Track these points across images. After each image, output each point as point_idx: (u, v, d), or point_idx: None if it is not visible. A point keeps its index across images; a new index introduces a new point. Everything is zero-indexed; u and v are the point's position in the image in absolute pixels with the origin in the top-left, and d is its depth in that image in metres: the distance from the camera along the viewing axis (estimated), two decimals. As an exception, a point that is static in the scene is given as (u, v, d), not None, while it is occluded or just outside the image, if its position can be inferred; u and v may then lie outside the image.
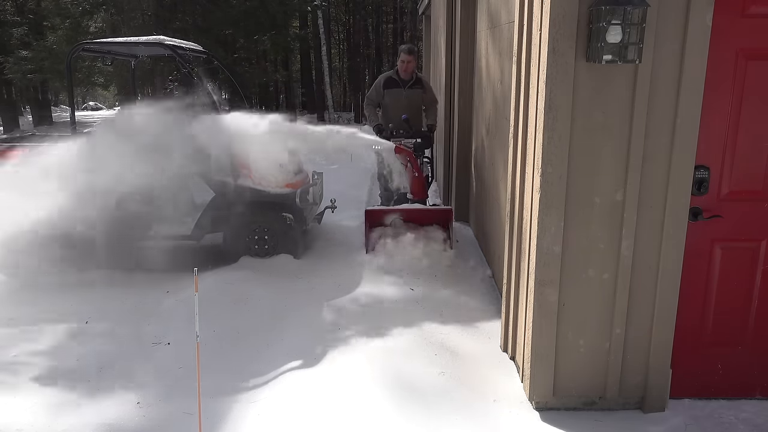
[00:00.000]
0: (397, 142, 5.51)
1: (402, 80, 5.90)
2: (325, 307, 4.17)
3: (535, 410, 2.93)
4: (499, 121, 4.34)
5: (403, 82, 5.90)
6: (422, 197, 5.50)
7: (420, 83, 5.99)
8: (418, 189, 5.45)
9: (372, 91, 6.16)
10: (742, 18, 2.59)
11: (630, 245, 2.72)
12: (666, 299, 2.78)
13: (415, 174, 5.35)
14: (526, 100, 2.93)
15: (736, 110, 2.68)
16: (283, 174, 5.11)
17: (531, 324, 2.87)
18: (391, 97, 5.96)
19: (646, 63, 2.50)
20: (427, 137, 5.83)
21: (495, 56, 4.63)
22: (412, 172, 5.34)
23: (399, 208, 5.33)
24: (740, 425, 2.83)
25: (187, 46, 5.58)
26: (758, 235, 2.84)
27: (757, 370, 3.00)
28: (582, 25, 2.50)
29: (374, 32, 27.83)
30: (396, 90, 5.93)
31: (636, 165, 2.63)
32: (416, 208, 5.29)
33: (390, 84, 5.96)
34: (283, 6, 18.12)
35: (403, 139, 5.61)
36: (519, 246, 3.11)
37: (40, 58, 16.07)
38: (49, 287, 4.62)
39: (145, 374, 3.33)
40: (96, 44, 5.58)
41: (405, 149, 5.31)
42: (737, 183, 2.77)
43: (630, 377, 2.89)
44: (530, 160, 2.86)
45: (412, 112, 5.88)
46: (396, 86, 5.92)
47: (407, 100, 5.90)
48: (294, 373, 3.30)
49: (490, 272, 4.83)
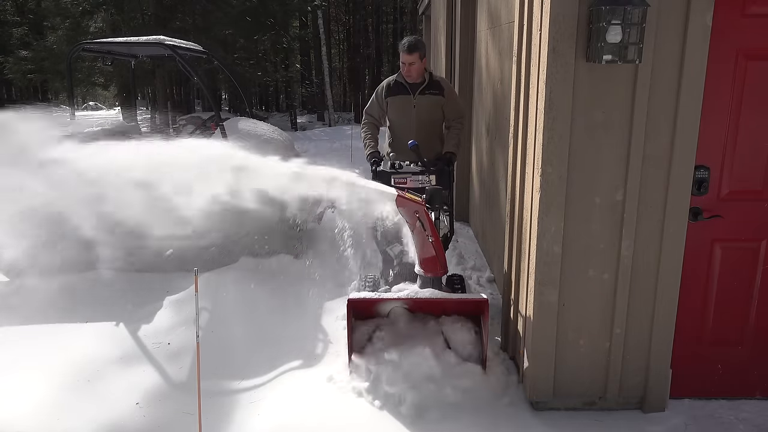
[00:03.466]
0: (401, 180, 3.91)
1: (409, 84, 4.17)
2: (324, 307, 4.17)
3: (535, 410, 2.93)
4: (499, 121, 4.34)
5: (411, 87, 4.16)
6: (437, 273, 3.45)
7: (437, 86, 4.18)
8: (431, 262, 3.41)
9: (371, 102, 4.36)
10: (742, 18, 2.59)
11: (630, 245, 2.72)
12: (666, 299, 2.78)
13: (429, 238, 3.31)
14: (526, 100, 2.93)
15: (736, 110, 2.68)
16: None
17: (531, 324, 2.87)
18: (397, 109, 4.23)
19: (646, 63, 2.50)
20: (445, 174, 3.97)
21: (495, 56, 4.63)
22: (422, 235, 3.32)
23: (401, 296, 3.36)
24: (740, 425, 2.83)
25: (187, 46, 5.58)
26: (758, 235, 2.84)
27: (757, 370, 3.00)
28: (582, 25, 2.50)
29: (374, 32, 27.84)
30: (402, 98, 4.17)
31: (636, 165, 2.63)
32: (428, 297, 3.31)
33: (395, 90, 4.23)
34: (283, 6, 18.12)
35: (409, 176, 3.93)
36: (519, 246, 3.11)
37: (40, 58, 16.07)
38: (48, 287, 4.61)
39: (145, 374, 3.33)
40: (96, 44, 5.59)
41: (412, 200, 3.28)
42: (737, 183, 2.77)
43: (630, 377, 2.89)
44: (530, 160, 2.86)
45: (426, 132, 4.16)
46: (402, 92, 4.19)
47: (419, 113, 4.16)
48: (294, 373, 3.30)
49: (491, 274, 4.83)
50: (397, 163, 4.00)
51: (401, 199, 3.22)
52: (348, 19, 28.20)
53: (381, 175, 3.92)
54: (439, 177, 3.92)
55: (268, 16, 17.54)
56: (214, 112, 5.29)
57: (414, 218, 3.26)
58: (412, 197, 3.28)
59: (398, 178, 3.92)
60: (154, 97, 20.81)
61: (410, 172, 3.93)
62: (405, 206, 3.25)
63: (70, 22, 15.95)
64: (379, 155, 4.14)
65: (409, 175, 3.92)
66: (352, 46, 27.43)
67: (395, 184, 3.81)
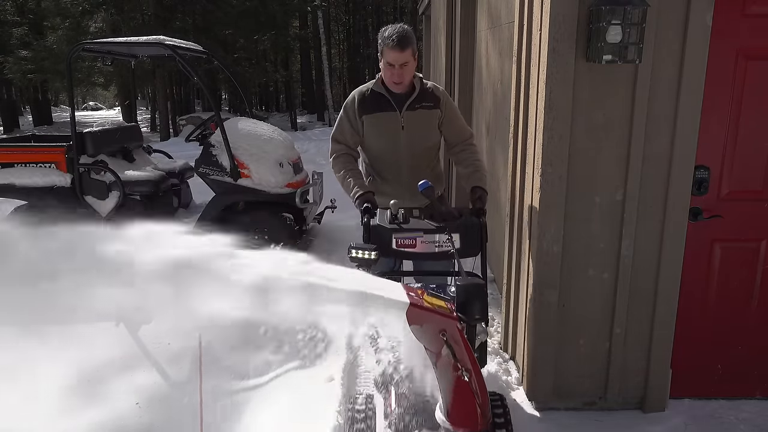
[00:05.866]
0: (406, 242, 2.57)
1: (393, 95, 2.83)
2: (325, 307, 4.16)
3: (535, 410, 2.93)
4: (499, 121, 4.34)
5: (396, 99, 2.83)
6: (475, 428, 1.89)
7: (431, 97, 2.87)
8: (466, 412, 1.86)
9: (339, 124, 2.93)
10: (742, 18, 2.59)
11: (630, 245, 2.72)
12: (666, 299, 2.78)
13: (463, 375, 1.76)
14: (526, 100, 2.93)
15: (736, 110, 2.68)
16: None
17: (531, 324, 2.87)
18: (377, 132, 2.89)
19: (646, 63, 2.50)
20: (474, 231, 2.58)
21: (495, 56, 4.63)
22: (452, 368, 1.78)
23: None
24: (740, 425, 2.83)
25: (187, 46, 5.58)
26: (758, 235, 2.84)
27: (757, 370, 3.00)
28: (582, 25, 2.49)
29: (374, 32, 27.85)
30: (385, 116, 2.84)
31: (636, 165, 2.63)
32: None
33: (372, 104, 2.86)
34: (283, 6, 18.15)
35: (420, 235, 2.56)
36: (519, 246, 3.11)
37: (40, 58, 16.09)
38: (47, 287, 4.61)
39: (144, 374, 3.33)
40: (96, 44, 5.58)
41: (434, 311, 1.77)
42: (737, 183, 2.77)
43: (630, 377, 2.88)
44: (530, 160, 2.86)
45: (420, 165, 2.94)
46: (384, 107, 2.84)
47: (410, 137, 2.87)
48: (294, 374, 3.29)
49: (490, 274, 4.83)
50: (401, 213, 2.51)
51: (416, 311, 1.72)
52: (348, 19, 28.23)
53: (377, 233, 2.58)
54: (467, 236, 2.54)
55: (268, 16, 17.56)
56: (214, 112, 5.29)
57: (438, 342, 1.76)
58: (433, 305, 1.79)
59: (403, 238, 2.55)
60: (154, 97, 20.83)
61: (421, 230, 2.55)
62: (423, 323, 1.76)
63: (70, 22, 15.98)
64: (372, 197, 2.75)
65: (420, 233, 2.55)
66: (352, 46, 27.46)
67: (398, 248, 2.55)
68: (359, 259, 2.25)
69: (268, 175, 5.12)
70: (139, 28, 14.70)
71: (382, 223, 2.64)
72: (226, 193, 5.13)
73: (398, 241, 2.57)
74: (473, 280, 2.14)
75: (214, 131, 5.23)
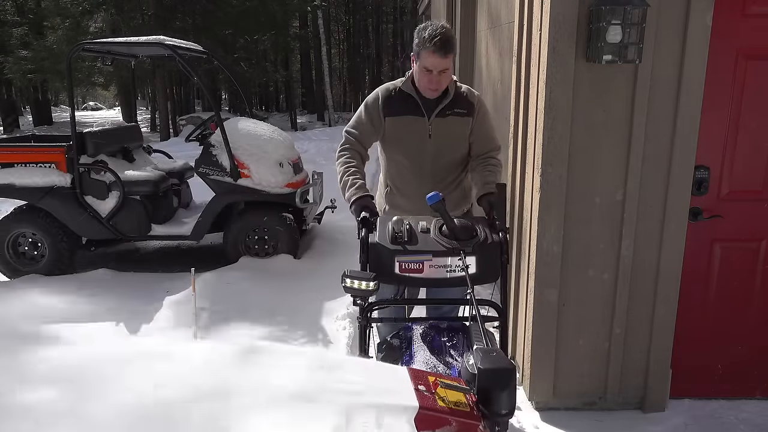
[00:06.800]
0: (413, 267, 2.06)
1: (423, 100, 2.51)
2: (324, 307, 4.17)
3: (535, 410, 2.93)
4: (499, 121, 4.34)
5: (426, 104, 2.52)
6: None
7: (465, 103, 2.56)
8: None
9: (357, 119, 2.64)
10: (742, 18, 2.59)
11: (630, 245, 2.72)
12: (666, 299, 2.78)
13: None
14: (526, 100, 2.93)
15: (736, 110, 2.68)
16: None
17: (531, 324, 2.87)
18: (401, 138, 2.59)
19: (646, 63, 2.50)
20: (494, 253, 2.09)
21: (495, 56, 4.63)
22: None
23: None
24: (740, 425, 2.83)
25: (187, 46, 5.58)
26: (758, 235, 2.84)
27: (757, 370, 3.00)
28: (582, 25, 2.50)
29: (374, 32, 27.88)
30: (412, 120, 2.54)
31: (636, 165, 2.63)
32: None
33: (399, 105, 2.56)
34: (283, 6, 18.14)
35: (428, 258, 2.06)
36: (519, 246, 3.11)
37: (40, 58, 16.07)
38: (46, 286, 4.61)
39: (145, 374, 3.32)
40: (96, 44, 5.58)
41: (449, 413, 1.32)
42: (737, 183, 2.77)
43: (630, 377, 2.88)
44: (530, 160, 2.86)
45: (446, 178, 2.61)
46: (412, 110, 2.54)
47: (438, 146, 2.56)
48: (294, 373, 3.29)
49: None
50: (406, 226, 2.10)
51: (428, 417, 1.31)
52: (348, 19, 28.22)
53: (376, 253, 2.11)
54: (484, 259, 2.06)
55: (268, 16, 17.55)
56: (214, 112, 5.29)
57: None
58: (449, 404, 1.36)
59: (408, 262, 2.06)
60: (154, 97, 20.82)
61: (430, 252, 2.06)
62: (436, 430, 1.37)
63: (70, 22, 15.96)
64: (372, 203, 2.38)
65: (428, 255, 2.06)
66: (352, 46, 27.46)
67: (401, 273, 2.07)
68: (354, 290, 1.87)
69: (268, 175, 5.12)
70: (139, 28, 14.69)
71: (382, 243, 2.10)
72: (226, 193, 5.13)
73: (402, 265, 2.07)
74: (500, 361, 1.45)
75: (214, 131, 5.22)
